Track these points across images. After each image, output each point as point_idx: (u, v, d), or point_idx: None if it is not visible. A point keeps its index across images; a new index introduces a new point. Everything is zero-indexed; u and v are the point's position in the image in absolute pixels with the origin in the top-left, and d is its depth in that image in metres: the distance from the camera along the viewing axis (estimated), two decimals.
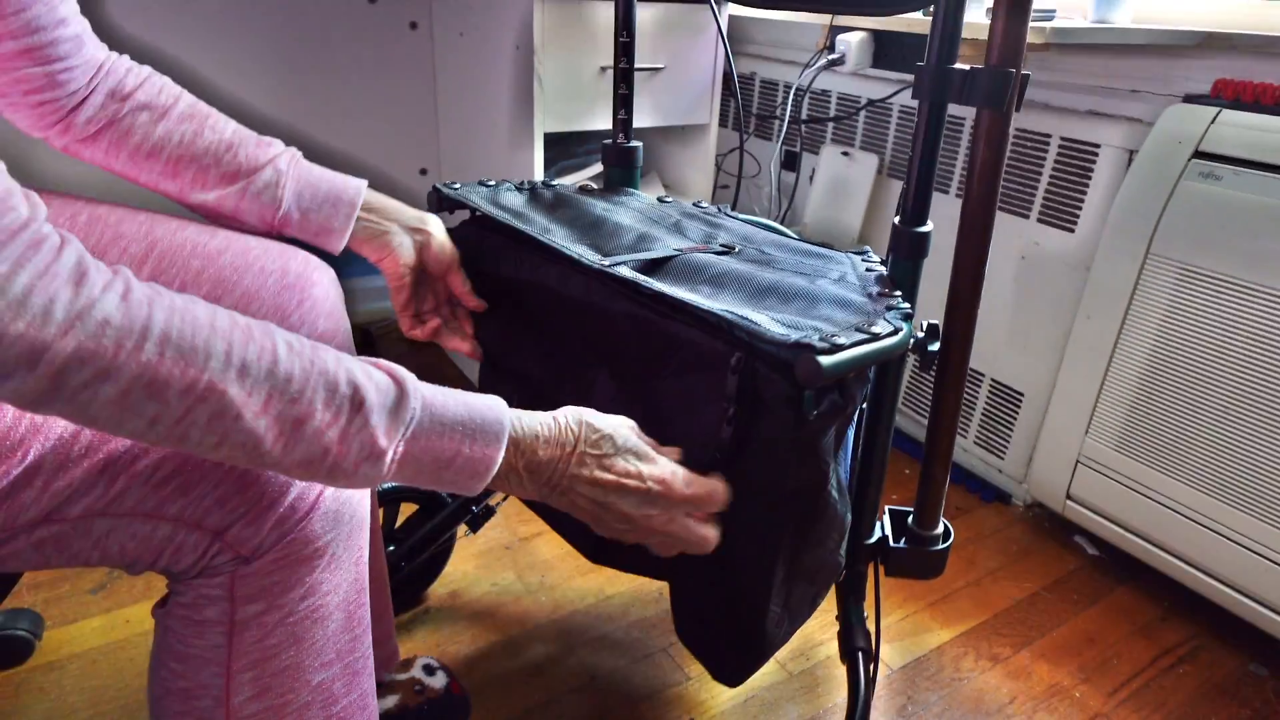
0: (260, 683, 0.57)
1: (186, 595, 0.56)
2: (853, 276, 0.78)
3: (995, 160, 0.70)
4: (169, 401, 0.41)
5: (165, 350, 0.40)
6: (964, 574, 1.30)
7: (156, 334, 0.40)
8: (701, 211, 0.97)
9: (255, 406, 0.44)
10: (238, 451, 0.45)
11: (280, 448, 0.45)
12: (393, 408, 0.49)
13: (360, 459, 0.48)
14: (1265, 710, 1.08)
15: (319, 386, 0.46)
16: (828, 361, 0.57)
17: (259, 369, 0.44)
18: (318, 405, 0.46)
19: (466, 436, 0.52)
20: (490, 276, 0.86)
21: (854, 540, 0.88)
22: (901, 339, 0.64)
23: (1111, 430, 1.23)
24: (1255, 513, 1.08)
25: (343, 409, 0.47)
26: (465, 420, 0.52)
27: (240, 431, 0.44)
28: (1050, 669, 1.13)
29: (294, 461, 0.46)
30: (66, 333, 0.38)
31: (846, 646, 0.91)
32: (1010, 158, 1.36)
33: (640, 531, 0.61)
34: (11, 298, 0.36)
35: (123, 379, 0.39)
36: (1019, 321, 1.40)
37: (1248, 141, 1.05)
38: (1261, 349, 1.05)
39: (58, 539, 0.51)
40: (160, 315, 0.41)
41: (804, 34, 1.71)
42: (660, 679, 1.07)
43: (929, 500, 0.85)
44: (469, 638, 1.11)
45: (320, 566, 0.57)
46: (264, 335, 0.45)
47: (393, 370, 0.51)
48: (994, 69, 0.68)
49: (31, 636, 1.03)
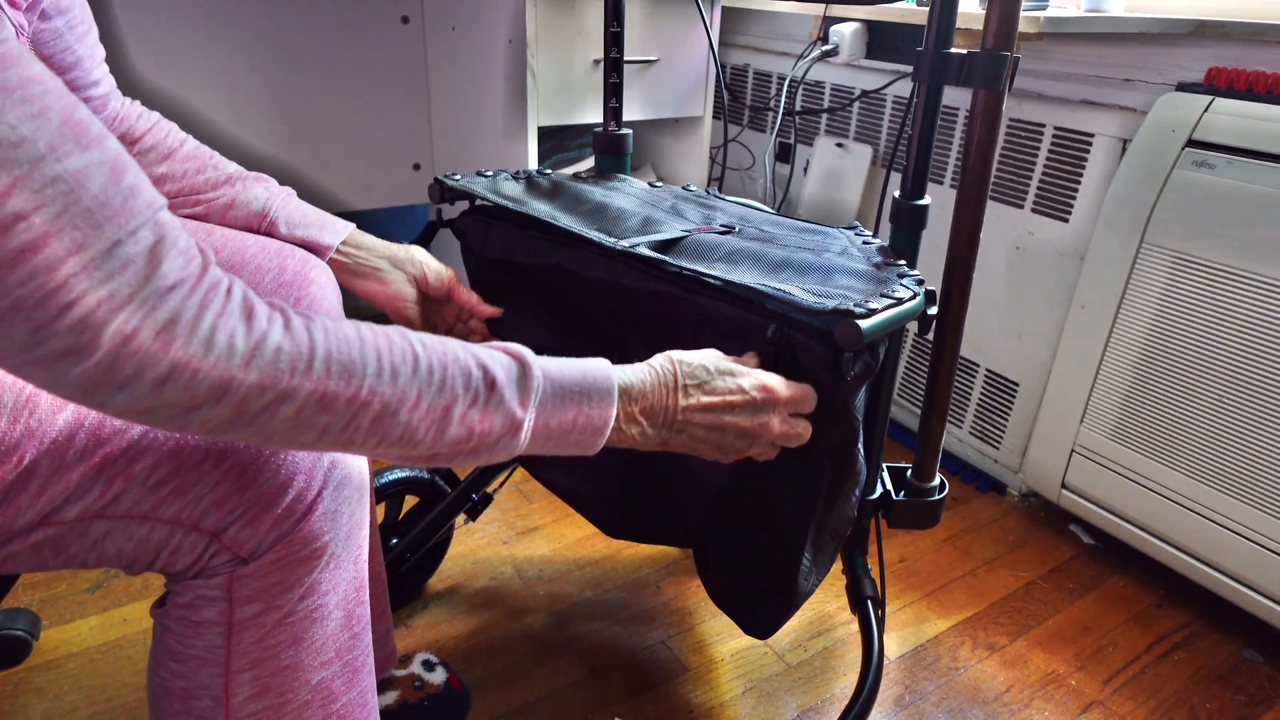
0: (260, 682, 0.57)
1: (185, 596, 0.56)
2: (854, 250, 0.82)
3: (990, 138, 0.76)
4: (338, 412, 0.45)
5: (330, 368, 0.44)
6: (960, 564, 1.31)
7: (321, 355, 0.44)
8: (694, 194, 0.99)
9: (409, 404, 0.47)
10: (395, 447, 0.48)
11: (432, 436, 0.49)
12: (519, 380, 0.52)
13: (502, 433, 0.51)
14: (1259, 695, 1.09)
15: (456, 374, 0.49)
16: (867, 325, 0.61)
17: (406, 370, 0.47)
18: (459, 391, 0.49)
19: (584, 398, 0.55)
20: (496, 264, 0.87)
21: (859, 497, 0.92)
22: (920, 302, 0.69)
23: (1106, 419, 1.24)
24: (1250, 500, 1.09)
25: (480, 391, 0.50)
26: (580, 383, 0.55)
27: (398, 427, 0.47)
28: (1046, 657, 1.13)
29: (445, 446, 0.50)
30: (248, 365, 0.41)
31: (856, 597, 0.96)
32: (1004, 147, 1.36)
33: (759, 442, 0.64)
34: (200, 338, 0.40)
35: (298, 399, 0.43)
36: (1014, 311, 1.40)
37: (1241, 130, 1.05)
38: (1255, 337, 1.05)
39: (54, 542, 0.51)
40: (319, 337, 0.45)
41: (797, 25, 1.70)
42: (659, 672, 1.07)
43: (927, 454, 0.91)
44: (468, 631, 1.12)
45: (319, 566, 0.57)
46: (401, 339, 0.49)
47: (508, 348, 0.54)
48: (989, 52, 0.73)
49: (29, 636, 1.03)
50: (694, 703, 1.03)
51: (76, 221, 0.37)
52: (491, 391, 0.50)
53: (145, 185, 0.40)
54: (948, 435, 1.57)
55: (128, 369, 0.38)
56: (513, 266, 0.85)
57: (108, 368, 0.38)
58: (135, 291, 0.38)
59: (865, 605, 0.94)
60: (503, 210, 0.87)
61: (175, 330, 0.39)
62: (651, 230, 0.83)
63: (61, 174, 0.36)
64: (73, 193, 0.37)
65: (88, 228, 0.37)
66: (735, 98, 1.88)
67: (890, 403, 0.90)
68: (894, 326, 0.64)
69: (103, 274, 0.37)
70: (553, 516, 1.36)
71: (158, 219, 0.40)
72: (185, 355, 0.39)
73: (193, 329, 0.40)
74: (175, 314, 0.39)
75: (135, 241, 0.39)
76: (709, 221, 0.88)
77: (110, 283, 0.37)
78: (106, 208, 0.38)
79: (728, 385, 0.61)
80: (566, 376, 0.54)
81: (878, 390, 0.87)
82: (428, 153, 1.81)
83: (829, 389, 0.65)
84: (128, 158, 0.40)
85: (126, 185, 0.39)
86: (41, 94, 0.37)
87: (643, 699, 1.03)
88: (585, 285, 0.79)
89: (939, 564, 1.31)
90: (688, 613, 1.17)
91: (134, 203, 0.39)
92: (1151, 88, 1.20)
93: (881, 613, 0.94)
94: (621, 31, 1.02)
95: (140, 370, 0.39)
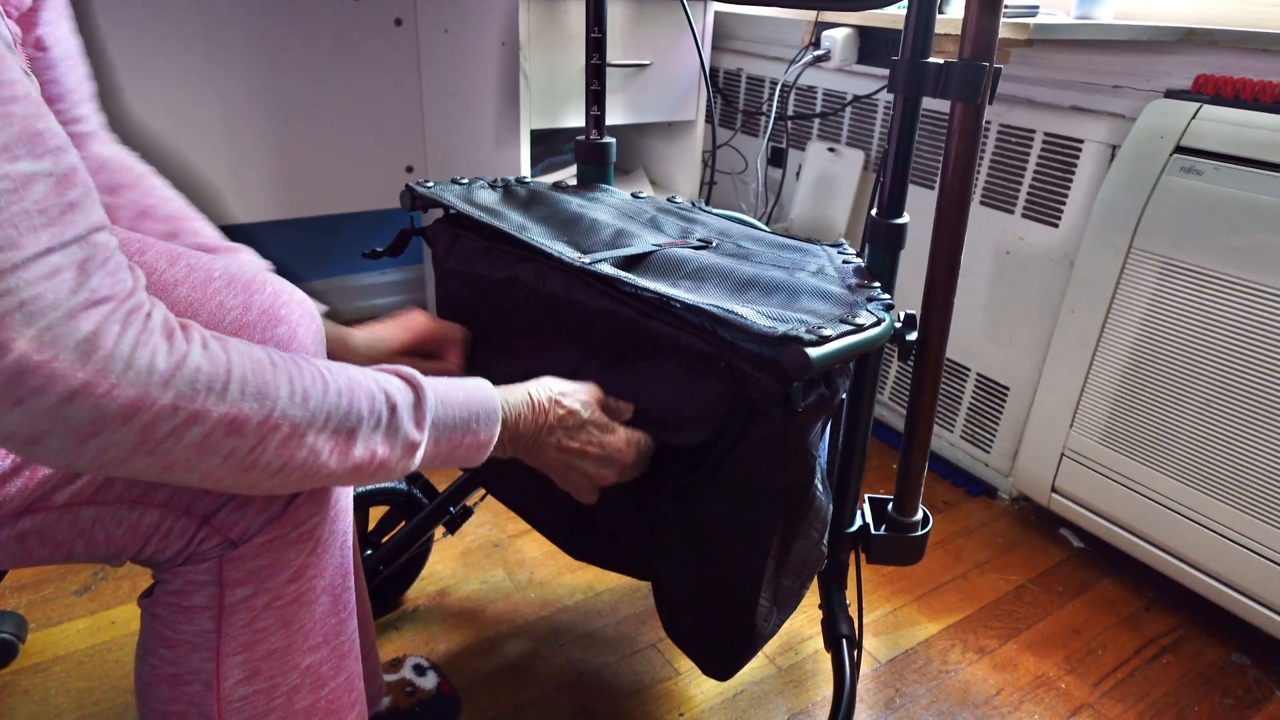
0: (250, 666, 0.58)
1: (174, 583, 0.56)
2: (831, 269, 0.78)
3: (969, 151, 0.72)
4: (247, 435, 0.44)
5: (245, 390, 0.44)
6: (951, 567, 1.31)
7: (236, 377, 0.44)
8: (676, 207, 0.97)
9: (317, 427, 0.48)
10: (297, 473, 0.48)
11: (336, 459, 0.49)
12: (414, 405, 0.54)
13: (401, 455, 0.53)
14: (1248, 698, 1.09)
15: (361, 399, 0.50)
16: (816, 353, 0.57)
17: (316, 394, 0.48)
18: (364, 414, 0.50)
19: (472, 421, 0.58)
20: (459, 275, 0.85)
21: (835, 529, 0.88)
22: (884, 329, 0.65)
23: (1096, 423, 1.24)
24: (1238, 504, 1.10)
25: (382, 415, 0.51)
26: (466, 404, 0.58)
27: (304, 449, 0.47)
28: (1036, 660, 1.14)
29: (347, 469, 0.50)
30: (166, 384, 0.41)
31: (831, 634, 0.92)
32: (994, 153, 1.37)
33: (592, 485, 0.70)
34: (121, 355, 0.39)
35: (209, 422, 0.43)
36: (1004, 316, 1.41)
37: (1228, 136, 1.06)
38: (1243, 342, 1.06)
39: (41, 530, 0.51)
40: (235, 359, 0.44)
41: (789, 30, 1.71)
42: (649, 675, 1.07)
43: (908, 487, 0.87)
44: (458, 636, 1.11)
45: (307, 550, 0.58)
46: (308, 364, 0.49)
47: (401, 372, 0.55)
48: (967, 63, 0.69)
49: (15, 639, 1.02)
50: (682, 707, 1.03)
51: (15, 221, 0.37)
52: (393, 416, 0.52)
53: (91, 205, 0.41)
54: (938, 439, 1.58)
55: (34, 381, 0.37)
56: (474, 279, 0.83)
57: (11, 377, 0.36)
58: (59, 300, 0.38)
59: (840, 644, 0.90)
60: (469, 220, 0.84)
61: (96, 345, 0.38)
62: (622, 244, 0.80)
63: (9, 173, 0.37)
64: (15, 193, 0.37)
65: (21, 230, 0.37)
66: (728, 102, 1.89)
67: (869, 431, 0.85)
68: (849, 355, 0.61)
69: (28, 277, 0.37)
70: None
71: (93, 238, 0.40)
72: (99, 371, 0.38)
73: (116, 345, 0.39)
74: (98, 329, 0.38)
75: (66, 254, 0.38)
76: (686, 235, 0.86)
77: (34, 288, 0.37)
78: (44, 214, 0.38)
79: (588, 438, 0.67)
80: (454, 399, 0.57)
81: (855, 417, 0.83)
82: (420, 156, 1.81)
83: (780, 424, 0.63)
84: (84, 178, 0.40)
85: (69, 200, 0.39)
86: (10, 99, 0.37)
87: (633, 702, 1.03)
88: (542, 300, 0.77)
89: (929, 567, 1.31)
90: None
91: (73, 216, 0.39)
92: (1140, 94, 1.21)
93: (858, 654, 0.90)
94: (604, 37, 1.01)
95: (47, 384, 0.37)
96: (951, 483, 1.54)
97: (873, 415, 0.85)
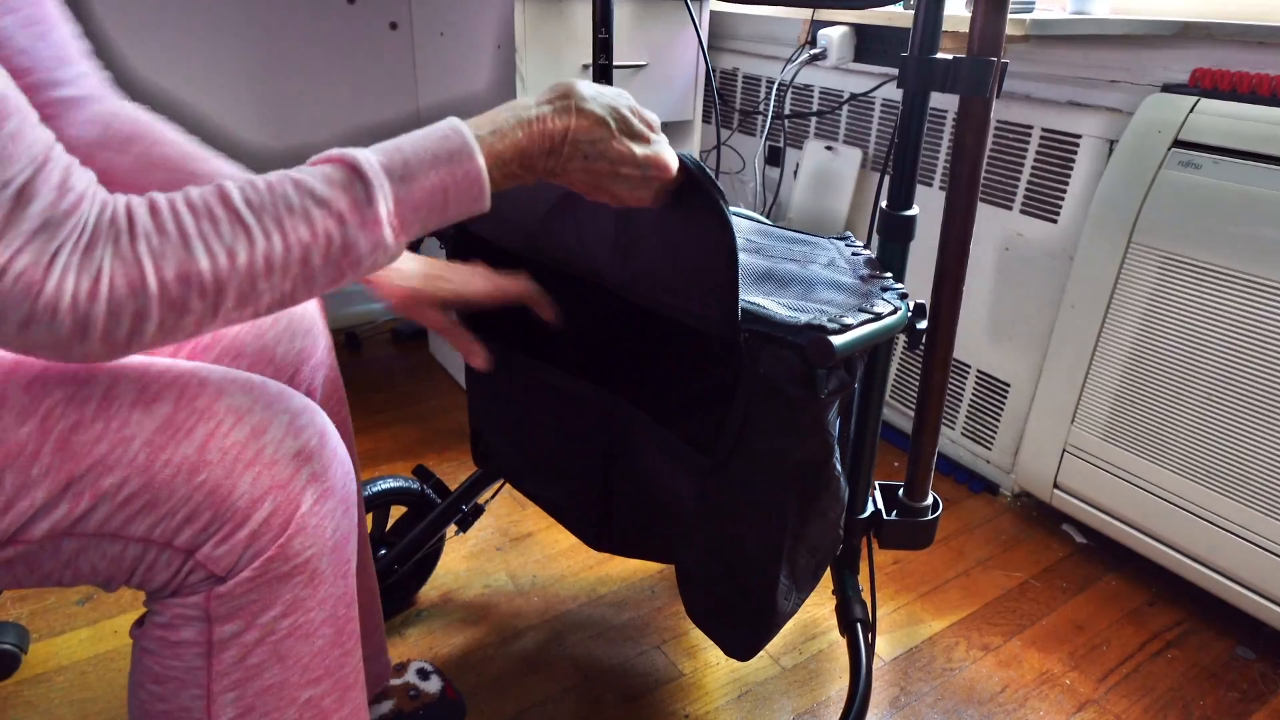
0: (243, 703, 0.55)
1: (163, 616, 0.54)
2: (841, 261, 0.80)
3: (978, 145, 0.74)
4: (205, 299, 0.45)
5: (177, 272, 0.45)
6: (954, 565, 1.31)
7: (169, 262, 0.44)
8: None
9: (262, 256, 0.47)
10: (267, 295, 0.47)
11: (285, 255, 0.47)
12: (342, 163, 0.50)
13: (360, 217, 0.49)
14: (1252, 692, 1.09)
15: (285, 186, 0.48)
16: (839, 341, 0.59)
17: (258, 199, 0.47)
18: (292, 197, 0.48)
19: (439, 162, 0.52)
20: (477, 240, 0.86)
21: (848, 515, 0.90)
22: (901, 317, 0.67)
23: (1097, 419, 1.24)
24: (1240, 498, 1.09)
25: (313, 188, 0.48)
26: (427, 147, 0.52)
27: (262, 283, 0.47)
28: (1041, 657, 1.14)
29: (304, 260, 0.48)
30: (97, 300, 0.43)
31: (845, 619, 0.93)
32: (992, 150, 1.37)
33: (624, 201, 0.61)
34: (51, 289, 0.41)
35: (152, 319, 0.44)
36: (1004, 312, 1.41)
37: (1226, 130, 1.06)
38: (1243, 335, 1.06)
39: (26, 560, 0.50)
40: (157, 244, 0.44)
41: (786, 29, 1.71)
42: (655, 676, 1.07)
43: (919, 472, 0.90)
44: (462, 638, 1.11)
45: (301, 582, 0.55)
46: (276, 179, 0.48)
47: (328, 155, 0.51)
48: (975, 59, 0.71)
49: (17, 650, 1.02)
50: (688, 708, 1.03)
51: None
52: (326, 184, 0.48)
53: (29, 129, 0.42)
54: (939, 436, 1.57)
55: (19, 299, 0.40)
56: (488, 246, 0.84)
57: None
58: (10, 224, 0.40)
59: (854, 628, 0.92)
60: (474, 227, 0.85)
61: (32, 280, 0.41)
62: None
63: None
64: None
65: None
66: (725, 101, 1.89)
67: (880, 418, 0.88)
68: (870, 343, 0.63)
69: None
70: (546, 523, 1.35)
71: (48, 154, 0.42)
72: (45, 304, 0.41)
73: (46, 278, 0.41)
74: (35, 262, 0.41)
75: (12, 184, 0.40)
76: None
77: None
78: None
79: (623, 151, 0.58)
80: (407, 150, 0.51)
81: (866, 405, 0.85)
82: None
83: (800, 405, 0.64)
84: (12, 106, 0.41)
85: (7, 132, 0.40)
86: None
87: (637, 705, 1.03)
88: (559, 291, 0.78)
89: (933, 565, 1.31)
90: (681, 618, 1.16)
91: (14, 148, 0.41)
92: (1137, 89, 1.21)
93: (872, 636, 0.92)
94: (610, 38, 1.01)
95: None
96: (953, 480, 1.54)
97: (884, 404, 0.87)
